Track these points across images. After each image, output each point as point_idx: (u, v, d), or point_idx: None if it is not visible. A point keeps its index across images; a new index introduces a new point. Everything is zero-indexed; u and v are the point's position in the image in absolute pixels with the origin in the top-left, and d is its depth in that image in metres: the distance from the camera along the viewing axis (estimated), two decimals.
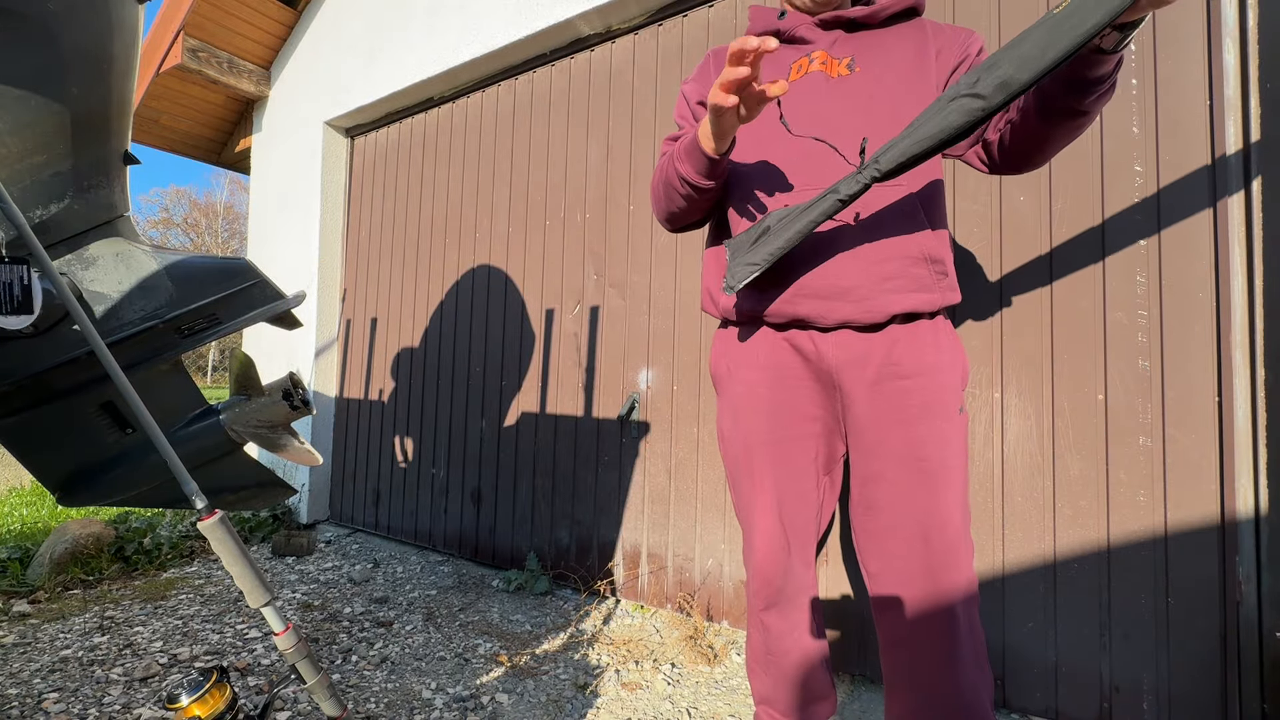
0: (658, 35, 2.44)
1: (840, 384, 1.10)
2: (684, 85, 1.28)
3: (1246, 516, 1.40)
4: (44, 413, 1.32)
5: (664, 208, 1.18)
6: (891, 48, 1.09)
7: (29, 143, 1.12)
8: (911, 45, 1.09)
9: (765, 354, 1.15)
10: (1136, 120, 1.57)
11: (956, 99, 0.82)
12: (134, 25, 1.18)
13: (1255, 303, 1.42)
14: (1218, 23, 1.48)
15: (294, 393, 1.48)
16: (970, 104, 0.81)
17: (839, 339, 1.09)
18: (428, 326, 3.19)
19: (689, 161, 1.04)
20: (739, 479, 1.19)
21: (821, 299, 1.06)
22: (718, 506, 2.17)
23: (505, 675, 1.83)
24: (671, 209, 1.16)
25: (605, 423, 2.48)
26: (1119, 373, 1.55)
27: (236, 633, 2.11)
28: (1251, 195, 1.44)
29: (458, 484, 2.97)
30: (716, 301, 1.21)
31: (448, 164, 3.19)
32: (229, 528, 0.87)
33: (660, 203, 1.18)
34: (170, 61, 3.47)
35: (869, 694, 1.75)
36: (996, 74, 0.79)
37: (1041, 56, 0.76)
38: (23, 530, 3.48)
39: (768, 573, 1.15)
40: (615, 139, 2.53)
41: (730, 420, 1.20)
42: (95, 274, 1.30)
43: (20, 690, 1.73)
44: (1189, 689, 1.44)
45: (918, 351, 1.07)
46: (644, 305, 2.40)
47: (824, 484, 1.17)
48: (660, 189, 1.16)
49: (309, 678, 0.90)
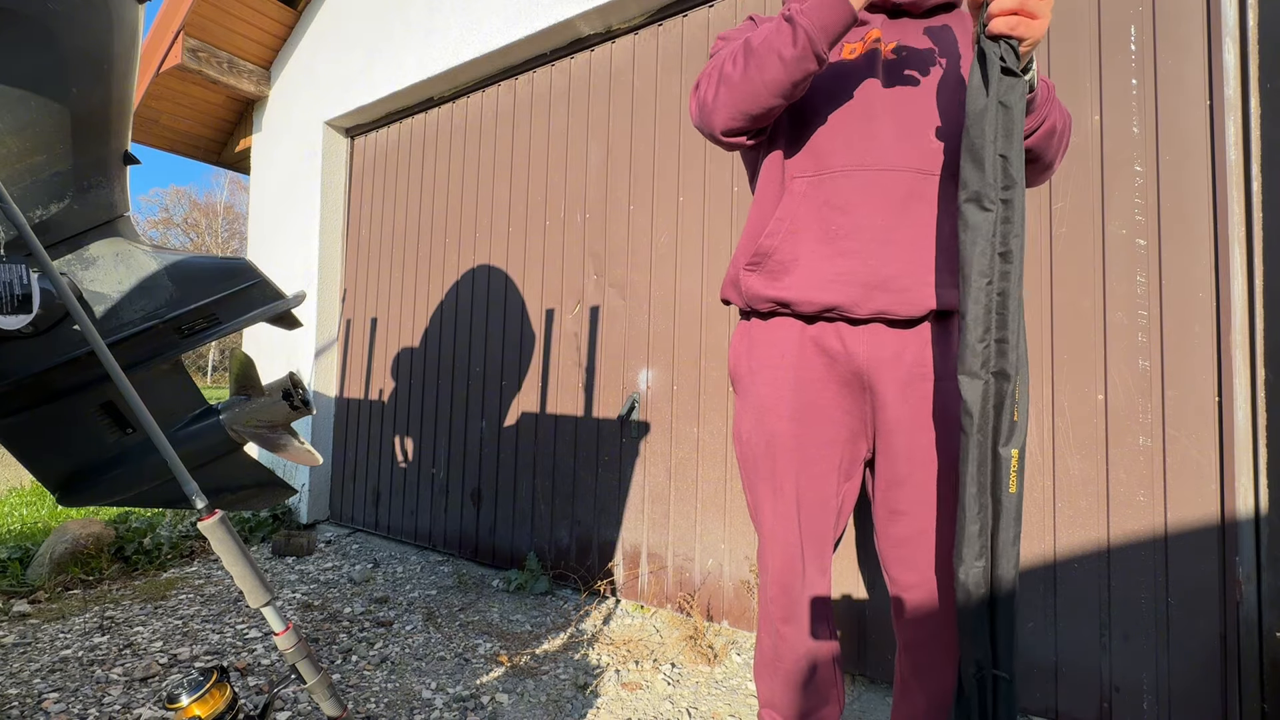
0: (658, 35, 2.44)
1: (872, 384, 1.05)
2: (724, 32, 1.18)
3: (1246, 516, 1.40)
4: (44, 413, 1.32)
5: (743, 90, 0.98)
6: (934, 38, 1.07)
7: (29, 143, 1.12)
8: (949, 38, 1.07)
9: (789, 354, 1.10)
10: (1136, 120, 1.57)
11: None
12: (134, 25, 1.18)
13: (1255, 303, 1.42)
14: (1218, 23, 1.48)
15: (294, 393, 1.48)
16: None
17: (871, 334, 1.04)
18: (428, 326, 3.19)
19: (817, 13, 0.89)
20: (757, 482, 1.15)
21: (858, 286, 1.01)
22: (718, 506, 2.17)
23: (505, 675, 1.83)
24: (758, 87, 0.97)
25: (605, 423, 2.48)
26: (1119, 373, 1.55)
27: (236, 633, 2.11)
28: (1251, 195, 1.44)
29: (458, 484, 2.97)
30: (740, 288, 1.13)
31: (448, 164, 3.19)
32: (229, 528, 0.87)
33: (735, 85, 0.99)
34: (170, 61, 3.47)
35: (869, 694, 1.75)
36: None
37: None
38: (23, 530, 3.48)
39: (786, 582, 1.12)
40: (615, 139, 2.53)
41: (751, 422, 1.15)
42: (95, 274, 1.29)
43: (20, 690, 1.73)
44: (1189, 689, 1.44)
45: (949, 352, 1.03)
46: (644, 305, 2.40)
47: (844, 490, 1.13)
48: (743, 64, 0.98)
49: (309, 678, 0.90)
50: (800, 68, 0.94)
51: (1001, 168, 0.83)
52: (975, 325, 0.83)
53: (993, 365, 0.83)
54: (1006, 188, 0.83)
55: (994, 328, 0.83)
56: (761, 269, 1.09)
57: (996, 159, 0.83)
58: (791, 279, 1.06)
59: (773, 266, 1.08)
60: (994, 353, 0.83)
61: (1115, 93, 1.59)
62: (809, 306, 1.05)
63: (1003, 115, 0.83)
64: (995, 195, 0.83)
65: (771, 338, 1.13)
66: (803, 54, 0.92)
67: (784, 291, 1.07)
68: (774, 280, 1.08)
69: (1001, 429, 0.83)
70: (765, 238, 1.08)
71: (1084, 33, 1.64)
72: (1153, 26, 1.56)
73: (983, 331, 0.83)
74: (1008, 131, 0.82)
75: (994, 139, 0.82)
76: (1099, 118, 1.61)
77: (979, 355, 0.83)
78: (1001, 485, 0.83)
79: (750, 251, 1.11)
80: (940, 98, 1.03)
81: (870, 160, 1.02)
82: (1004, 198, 0.83)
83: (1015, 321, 0.82)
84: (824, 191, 1.04)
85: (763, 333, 1.14)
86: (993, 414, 0.83)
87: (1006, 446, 0.82)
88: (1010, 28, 0.82)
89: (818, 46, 0.91)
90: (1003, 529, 0.83)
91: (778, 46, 0.93)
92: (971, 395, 0.83)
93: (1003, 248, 0.83)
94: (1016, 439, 0.82)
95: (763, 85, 0.97)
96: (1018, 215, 0.82)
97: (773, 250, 1.07)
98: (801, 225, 1.05)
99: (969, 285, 0.83)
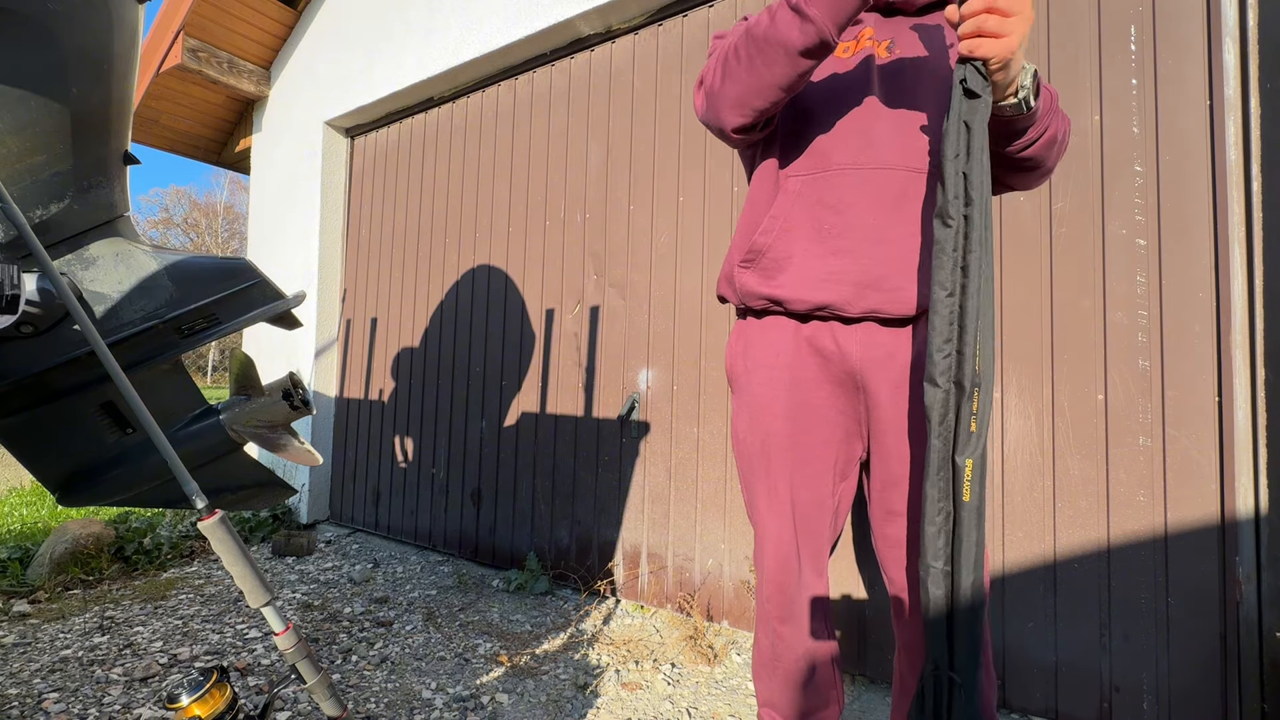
0: (658, 35, 2.44)
1: (865, 384, 1.06)
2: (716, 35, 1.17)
3: (1246, 516, 1.40)
4: (44, 413, 1.32)
5: (748, 82, 0.97)
6: (926, 37, 1.07)
7: (29, 142, 1.12)
8: (941, 36, 1.07)
9: (784, 354, 1.11)
10: (1136, 120, 1.57)
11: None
12: (134, 25, 1.18)
13: (1255, 303, 1.42)
14: (1218, 23, 1.48)
15: (294, 393, 1.48)
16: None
17: (864, 333, 1.05)
18: (428, 326, 3.19)
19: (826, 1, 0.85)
20: (753, 482, 1.16)
21: (850, 285, 1.02)
22: (718, 506, 2.17)
23: (505, 675, 1.83)
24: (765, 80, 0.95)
25: (605, 423, 2.48)
26: (1119, 373, 1.55)
27: (236, 633, 2.11)
28: (1251, 195, 1.44)
29: (458, 484, 2.97)
30: (735, 284, 1.13)
31: (448, 164, 3.19)
32: (229, 528, 0.87)
33: (740, 77, 0.97)
34: (170, 61, 3.47)
35: (869, 694, 1.75)
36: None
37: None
38: (23, 530, 3.48)
39: (781, 581, 1.12)
40: (615, 139, 2.53)
41: (746, 421, 1.16)
42: (95, 274, 1.30)
43: (20, 690, 1.73)
44: (1189, 689, 1.44)
45: None
46: (644, 305, 2.40)
47: (840, 490, 1.14)
48: (747, 55, 0.95)
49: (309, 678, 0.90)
50: (807, 59, 0.91)
51: (963, 186, 0.86)
52: (936, 335, 0.86)
53: (952, 374, 0.86)
54: (968, 204, 0.85)
55: (954, 339, 0.86)
56: (756, 266, 1.10)
57: (959, 176, 0.86)
58: (785, 277, 1.07)
59: (766, 264, 1.08)
60: (953, 363, 0.86)
61: (1115, 93, 1.59)
62: (801, 305, 1.06)
63: (964, 135, 0.85)
64: (957, 211, 0.86)
65: (767, 338, 1.13)
66: (813, 46, 0.89)
67: (777, 289, 1.07)
68: (768, 278, 1.09)
69: (959, 438, 0.85)
70: (759, 235, 1.08)
71: (1084, 33, 1.64)
72: (1153, 26, 1.56)
73: (942, 341, 0.86)
74: (969, 150, 0.85)
75: (955, 155, 0.85)
76: (1099, 118, 1.61)
77: (938, 364, 0.86)
78: (959, 492, 0.85)
79: (744, 248, 1.12)
80: (932, 96, 1.03)
81: (864, 159, 1.03)
82: (965, 214, 0.86)
83: (973, 335, 0.85)
84: (818, 190, 1.05)
85: (758, 332, 1.15)
86: (952, 422, 0.86)
87: (961, 455, 0.85)
88: (970, 50, 0.83)
89: (826, 34, 0.87)
90: (963, 535, 0.85)
91: (784, 35, 0.90)
92: (932, 401, 0.87)
93: (963, 262, 0.86)
94: (972, 449, 0.84)
95: (769, 75, 0.94)
96: (976, 232, 0.85)
97: (766, 248, 1.08)
98: (795, 224, 1.06)
99: (933, 297, 0.87)
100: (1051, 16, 1.68)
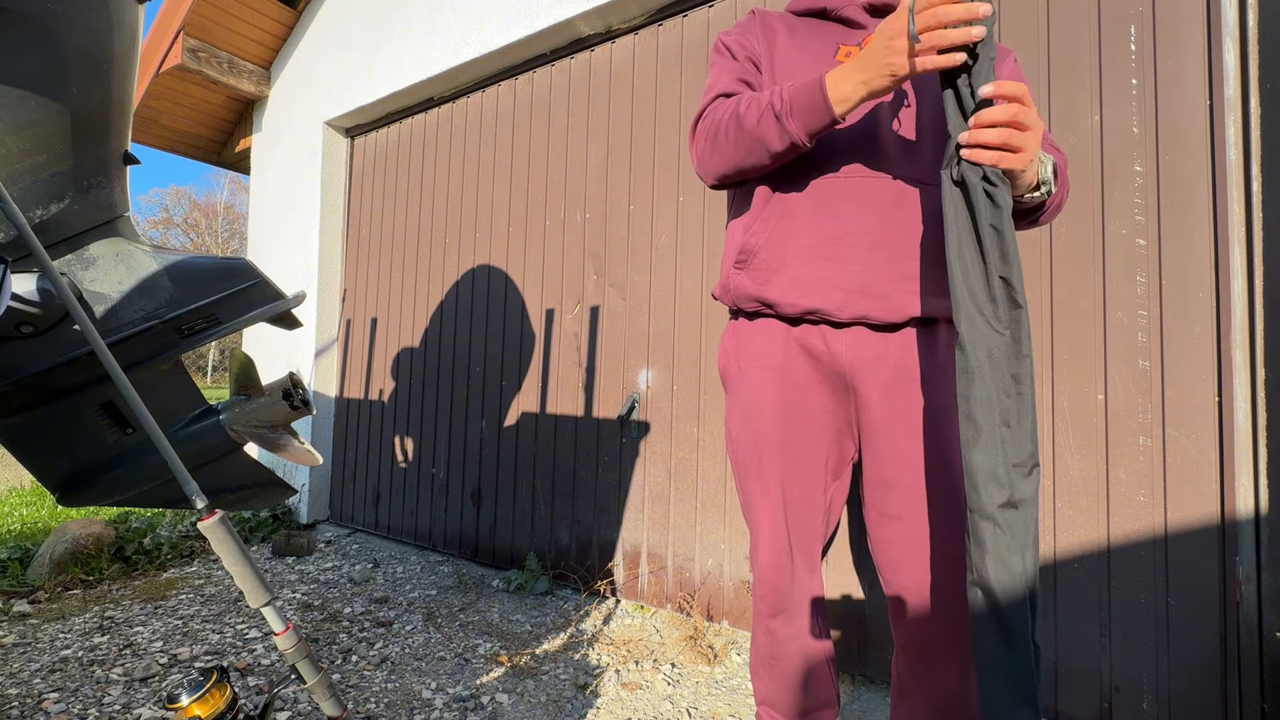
0: (658, 35, 2.44)
1: (855, 386, 1.07)
2: (726, 37, 1.19)
3: (1246, 516, 1.40)
4: (44, 413, 1.32)
5: (732, 161, 1.05)
6: None
7: (29, 143, 1.12)
8: None
9: (776, 354, 1.12)
10: (1136, 120, 1.57)
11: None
12: (134, 25, 1.18)
13: (1255, 303, 1.42)
14: (1218, 23, 1.48)
15: (294, 393, 1.48)
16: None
17: (854, 337, 1.06)
18: (428, 326, 3.19)
19: (803, 117, 0.94)
20: (747, 481, 1.18)
21: (840, 291, 1.03)
22: (718, 506, 2.17)
23: (505, 675, 1.83)
24: (746, 163, 1.04)
25: (605, 423, 2.48)
26: (1119, 373, 1.55)
27: (236, 633, 2.11)
28: (1251, 195, 1.44)
29: (458, 484, 2.97)
30: (729, 286, 1.15)
31: (448, 164, 3.19)
32: (229, 528, 0.87)
33: (727, 155, 1.05)
34: (170, 61, 3.47)
35: (869, 694, 1.75)
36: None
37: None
38: (23, 530, 3.48)
39: (773, 579, 1.14)
40: (615, 139, 2.53)
41: (739, 421, 1.18)
42: (95, 274, 1.30)
43: (20, 690, 1.73)
44: (1189, 689, 1.44)
45: (935, 356, 1.05)
46: (644, 305, 2.40)
47: (833, 489, 1.15)
48: (734, 139, 1.03)
49: (309, 678, 0.90)
50: (784, 158, 1.01)
51: (1005, 292, 0.81)
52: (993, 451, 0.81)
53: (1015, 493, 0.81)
54: (1013, 307, 0.80)
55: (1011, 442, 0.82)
56: (748, 268, 1.11)
57: (999, 283, 0.81)
58: (777, 280, 1.08)
59: (759, 266, 1.09)
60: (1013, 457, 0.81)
61: (1115, 93, 1.59)
62: (792, 309, 1.07)
63: (996, 240, 0.81)
64: (1005, 315, 0.81)
65: (758, 338, 1.15)
66: (787, 149, 0.99)
67: (769, 292, 1.09)
68: (760, 281, 1.10)
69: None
70: (750, 236, 1.10)
71: (1084, 33, 1.64)
72: (1153, 26, 1.56)
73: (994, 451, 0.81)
74: (1004, 254, 0.80)
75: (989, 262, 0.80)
76: (1099, 118, 1.61)
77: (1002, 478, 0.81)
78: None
79: (737, 248, 1.14)
80: (933, 106, 1.04)
81: (860, 165, 1.04)
82: (1013, 315, 0.81)
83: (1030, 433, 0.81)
84: (813, 196, 1.06)
85: (750, 333, 1.17)
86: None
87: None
88: (994, 161, 0.82)
89: (799, 140, 0.97)
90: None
91: (766, 135, 1.00)
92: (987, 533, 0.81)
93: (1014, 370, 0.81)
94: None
95: (751, 160, 1.04)
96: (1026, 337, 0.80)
97: (758, 249, 1.09)
98: (789, 228, 1.07)
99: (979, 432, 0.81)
100: (1051, 17, 1.68)
